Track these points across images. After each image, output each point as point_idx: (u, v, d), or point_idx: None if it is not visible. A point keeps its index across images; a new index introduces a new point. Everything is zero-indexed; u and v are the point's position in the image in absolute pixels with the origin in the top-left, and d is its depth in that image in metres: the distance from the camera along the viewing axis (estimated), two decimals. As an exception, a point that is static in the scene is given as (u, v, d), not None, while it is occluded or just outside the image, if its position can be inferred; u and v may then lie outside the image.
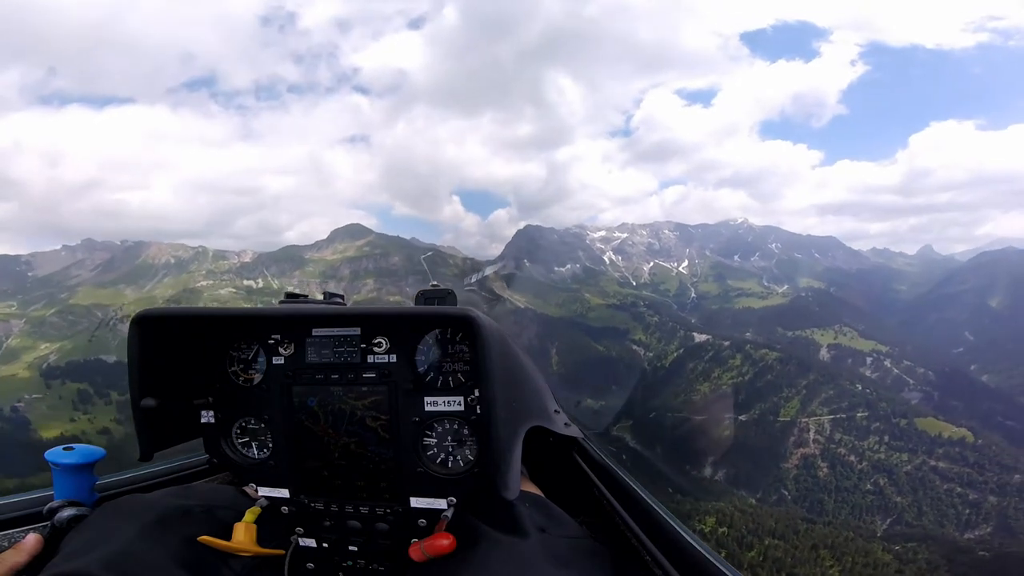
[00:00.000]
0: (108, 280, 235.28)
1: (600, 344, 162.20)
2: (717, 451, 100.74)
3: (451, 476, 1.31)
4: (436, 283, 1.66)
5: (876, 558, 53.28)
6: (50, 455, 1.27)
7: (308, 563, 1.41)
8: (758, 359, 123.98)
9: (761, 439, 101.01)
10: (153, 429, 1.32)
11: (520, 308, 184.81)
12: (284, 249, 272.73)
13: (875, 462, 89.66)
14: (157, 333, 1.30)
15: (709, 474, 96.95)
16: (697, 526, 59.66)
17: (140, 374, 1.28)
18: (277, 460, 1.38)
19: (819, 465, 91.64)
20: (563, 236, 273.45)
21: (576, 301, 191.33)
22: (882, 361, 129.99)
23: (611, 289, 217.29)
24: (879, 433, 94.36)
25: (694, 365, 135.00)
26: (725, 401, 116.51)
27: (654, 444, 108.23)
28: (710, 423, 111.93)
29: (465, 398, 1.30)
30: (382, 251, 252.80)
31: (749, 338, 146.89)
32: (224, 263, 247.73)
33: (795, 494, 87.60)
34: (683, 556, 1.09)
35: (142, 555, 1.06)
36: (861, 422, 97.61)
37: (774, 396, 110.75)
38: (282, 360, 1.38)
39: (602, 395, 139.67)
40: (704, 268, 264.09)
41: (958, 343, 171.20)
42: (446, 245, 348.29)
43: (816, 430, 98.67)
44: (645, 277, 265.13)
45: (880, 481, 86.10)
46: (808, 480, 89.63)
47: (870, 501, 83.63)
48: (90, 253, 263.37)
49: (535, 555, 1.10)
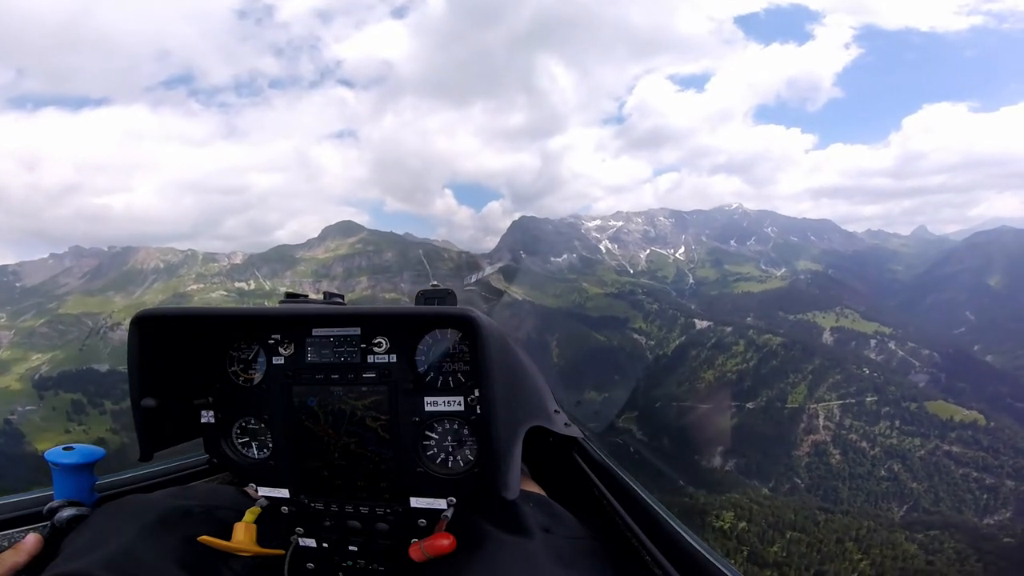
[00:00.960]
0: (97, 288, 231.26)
1: (600, 334, 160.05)
2: (726, 440, 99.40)
3: (451, 476, 1.31)
4: (436, 283, 1.66)
5: (904, 550, 51.80)
6: (50, 455, 1.28)
7: (308, 563, 1.41)
8: (762, 344, 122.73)
9: (770, 427, 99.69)
10: (153, 429, 1.33)
11: (518, 300, 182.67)
12: (275, 249, 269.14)
13: (888, 448, 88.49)
14: (157, 333, 1.31)
15: (719, 464, 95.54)
16: (716, 523, 58.18)
17: (140, 374, 1.28)
18: (277, 460, 1.39)
19: (831, 452, 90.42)
20: (558, 226, 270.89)
21: (574, 291, 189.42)
22: (886, 343, 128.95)
23: (609, 278, 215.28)
24: (890, 418, 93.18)
25: (697, 352, 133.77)
26: (730, 389, 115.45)
27: (661, 435, 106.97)
28: (716, 412, 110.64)
29: (465, 398, 1.30)
30: (375, 248, 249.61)
31: (751, 323, 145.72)
32: (214, 265, 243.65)
33: (808, 483, 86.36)
34: (683, 556, 1.09)
35: (143, 555, 1.06)
36: (871, 407, 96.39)
37: (780, 382, 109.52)
38: (282, 360, 1.38)
39: (605, 387, 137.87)
40: (701, 254, 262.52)
41: (959, 323, 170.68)
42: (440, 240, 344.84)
43: (826, 416, 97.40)
44: (642, 265, 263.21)
45: (894, 467, 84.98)
46: (821, 468, 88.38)
47: (885, 488, 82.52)
48: (78, 260, 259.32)
49: (540, 555, 1.10)
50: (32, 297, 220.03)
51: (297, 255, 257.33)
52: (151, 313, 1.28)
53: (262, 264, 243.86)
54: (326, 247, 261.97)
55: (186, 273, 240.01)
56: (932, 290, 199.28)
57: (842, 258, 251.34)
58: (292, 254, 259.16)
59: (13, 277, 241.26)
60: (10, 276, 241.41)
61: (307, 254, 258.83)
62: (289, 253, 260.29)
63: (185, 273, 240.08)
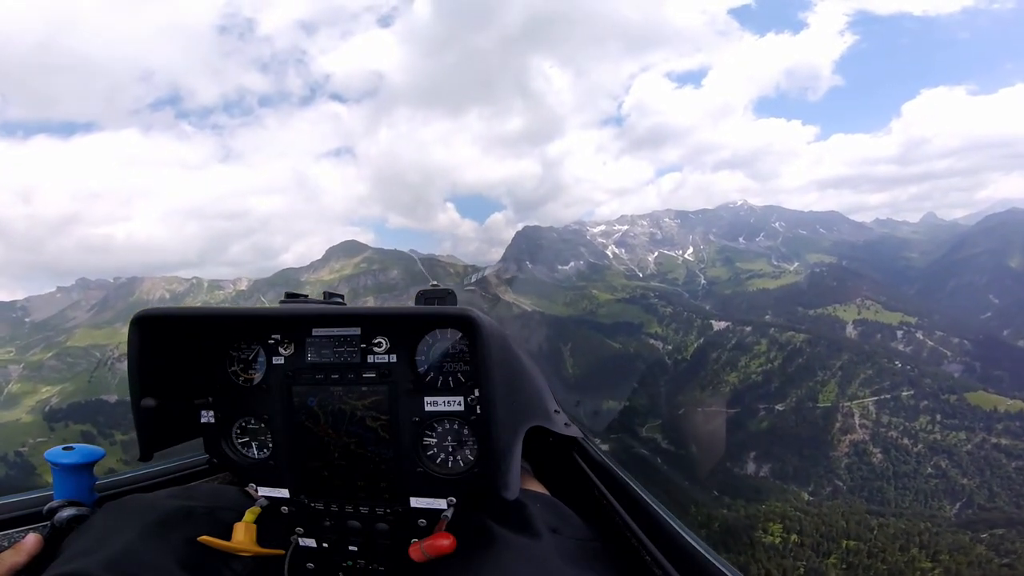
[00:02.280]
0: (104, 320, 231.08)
1: (615, 341, 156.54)
2: (758, 445, 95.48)
3: (451, 476, 1.31)
4: (436, 283, 1.65)
5: (976, 554, 47.95)
6: (50, 455, 1.27)
7: (308, 563, 1.41)
8: (785, 343, 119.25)
9: (803, 428, 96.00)
10: (153, 429, 1.33)
11: (527, 311, 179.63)
12: (279, 273, 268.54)
13: (931, 443, 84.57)
14: (157, 333, 1.31)
15: (753, 470, 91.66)
16: (765, 538, 54.53)
17: (140, 374, 1.28)
18: (277, 460, 1.39)
19: (871, 451, 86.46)
20: (563, 234, 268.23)
21: (584, 298, 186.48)
22: (913, 333, 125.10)
23: (618, 283, 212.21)
24: (929, 412, 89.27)
25: (717, 355, 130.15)
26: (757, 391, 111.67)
27: (688, 443, 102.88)
28: (744, 415, 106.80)
29: (465, 398, 1.30)
30: (380, 266, 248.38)
31: (770, 321, 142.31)
32: (220, 293, 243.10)
33: (850, 484, 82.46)
34: (683, 556, 1.09)
35: (143, 556, 1.06)
36: (908, 401, 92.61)
37: (808, 381, 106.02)
38: (282, 360, 1.38)
39: (624, 395, 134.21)
40: (710, 253, 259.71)
41: (984, 308, 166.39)
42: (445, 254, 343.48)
43: (861, 414, 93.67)
44: (651, 268, 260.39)
45: (941, 463, 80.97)
46: (862, 468, 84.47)
47: (934, 485, 78.49)
48: (84, 293, 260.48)
49: (550, 556, 1.10)
50: (41, 331, 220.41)
51: (302, 278, 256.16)
52: (151, 313, 1.28)
53: (267, 289, 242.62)
54: (330, 268, 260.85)
55: (191, 302, 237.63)
56: (951, 275, 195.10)
57: (854, 248, 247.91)
58: (297, 277, 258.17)
59: (22, 312, 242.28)
60: (19, 312, 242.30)
61: (312, 276, 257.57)
62: (294, 277, 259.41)
63: (190, 302, 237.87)
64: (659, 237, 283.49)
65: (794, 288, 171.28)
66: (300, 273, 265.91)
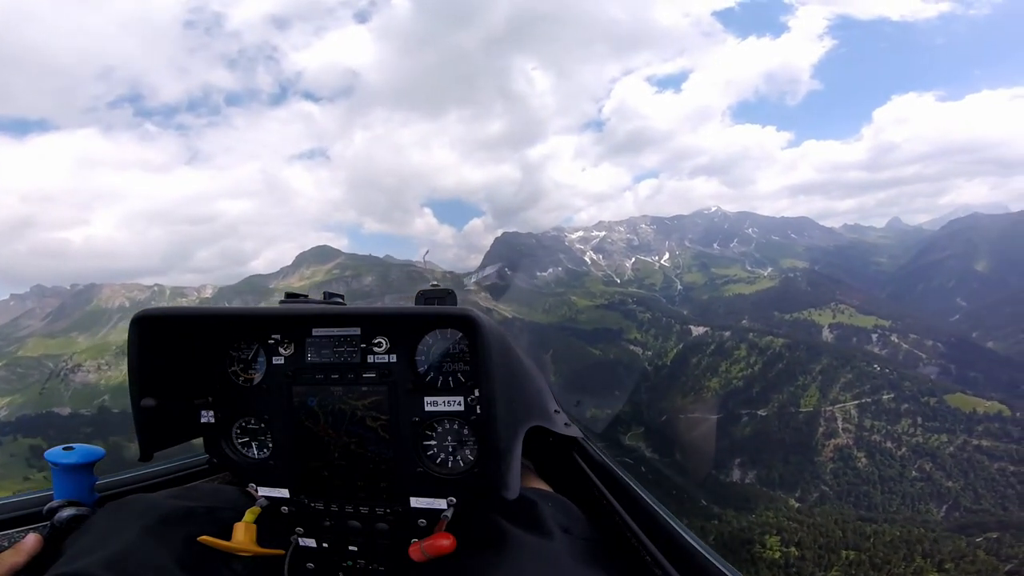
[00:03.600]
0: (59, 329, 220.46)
1: (595, 348, 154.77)
2: (743, 451, 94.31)
3: (451, 476, 1.31)
4: (436, 283, 1.66)
5: (982, 562, 46.76)
6: (50, 455, 1.27)
7: (308, 563, 1.41)
8: (764, 347, 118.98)
9: (787, 433, 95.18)
10: (153, 429, 1.32)
11: (508, 319, 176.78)
12: (246, 280, 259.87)
13: (914, 446, 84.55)
14: (157, 333, 1.30)
15: (739, 477, 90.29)
16: (764, 553, 52.46)
17: (140, 374, 1.28)
18: (277, 460, 1.39)
19: (856, 456, 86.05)
20: (542, 240, 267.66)
21: (563, 305, 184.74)
22: (888, 336, 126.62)
23: (597, 289, 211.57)
24: (911, 415, 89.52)
25: (698, 360, 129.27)
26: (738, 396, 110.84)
27: (672, 451, 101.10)
28: (727, 421, 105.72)
29: (465, 398, 1.30)
30: (353, 272, 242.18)
31: (748, 325, 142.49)
32: (183, 300, 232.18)
33: (837, 489, 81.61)
34: (683, 556, 1.09)
35: (144, 556, 1.06)
36: (889, 405, 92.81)
37: (790, 386, 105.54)
38: (282, 360, 1.38)
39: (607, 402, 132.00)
40: (686, 259, 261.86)
41: (952, 311, 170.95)
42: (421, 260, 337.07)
43: (844, 418, 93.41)
44: (629, 273, 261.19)
45: (925, 466, 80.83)
46: (848, 473, 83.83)
47: (920, 488, 78.12)
48: (40, 300, 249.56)
49: (563, 556, 1.10)
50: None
51: (270, 285, 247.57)
52: (151, 313, 1.28)
53: (233, 296, 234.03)
54: (301, 275, 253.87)
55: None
56: (919, 279, 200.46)
57: (825, 254, 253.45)
58: (265, 284, 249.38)
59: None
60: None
61: (281, 283, 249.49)
62: (262, 284, 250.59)
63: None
64: (636, 243, 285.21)
65: (770, 293, 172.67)
66: (268, 280, 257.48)
